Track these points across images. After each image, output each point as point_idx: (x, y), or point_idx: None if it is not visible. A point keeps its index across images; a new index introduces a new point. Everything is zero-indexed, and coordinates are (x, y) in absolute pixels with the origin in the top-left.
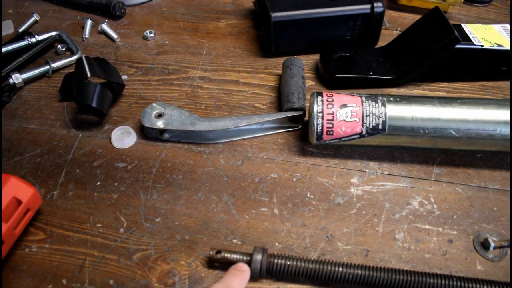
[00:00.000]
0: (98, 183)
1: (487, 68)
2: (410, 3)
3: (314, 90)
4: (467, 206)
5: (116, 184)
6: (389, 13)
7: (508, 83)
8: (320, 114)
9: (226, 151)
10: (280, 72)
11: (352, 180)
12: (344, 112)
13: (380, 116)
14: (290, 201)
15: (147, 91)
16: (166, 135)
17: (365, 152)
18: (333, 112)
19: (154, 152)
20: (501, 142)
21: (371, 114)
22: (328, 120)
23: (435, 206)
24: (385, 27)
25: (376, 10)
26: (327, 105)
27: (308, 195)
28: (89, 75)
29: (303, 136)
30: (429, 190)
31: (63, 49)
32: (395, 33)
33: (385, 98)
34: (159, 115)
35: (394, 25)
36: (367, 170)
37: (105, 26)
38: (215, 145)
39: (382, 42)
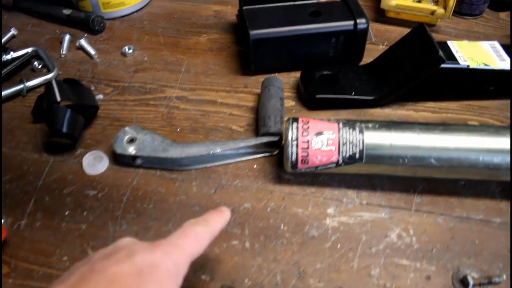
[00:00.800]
0: (67, 213)
1: (474, 87)
2: (398, 15)
3: (293, 112)
4: (448, 238)
5: (85, 213)
6: (376, 26)
7: (496, 102)
8: (294, 142)
9: (199, 178)
10: (260, 91)
11: (329, 211)
12: (320, 140)
13: (357, 144)
14: (263, 233)
15: (123, 112)
16: (139, 161)
17: (344, 179)
18: (308, 140)
19: (125, 179)
20: (484, 171)
21: (348, 143)
22: (303, 148)
23: (414, 238)
24: (371, 41)
25: (359, 27)
26: (302, 132)
27: (282, 227)
28: (59, 99)
29: (280, 161)
30: (408, 221)
31: (39, 66)
32: (381, 48)
33: (363, 125)
34: (131, 140)
35: (381, 39)
36: (344, 199)
37: (83, 42)
38: (188, 171)
39: (367, 58)
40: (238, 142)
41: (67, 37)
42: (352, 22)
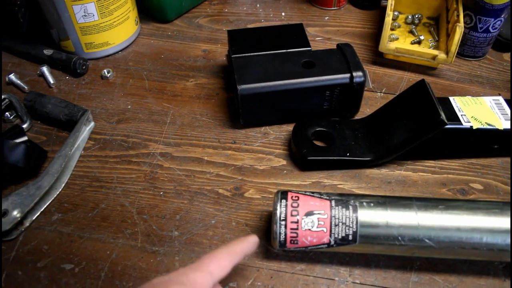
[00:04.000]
0: None
1: (477, 146)
2: (397, 58)
3: (284, 173)
4: None
5: None
6: (374, 70)
7: (500, 160)
8: (283, 223)
9: (182, 252)
10: (250, 147)
11: None
12: (310, 220)
13: (351, 226)
14: None
15: (103, 170)
16: None
17: (336, 255)
18: (297, 220)
19: (104, 251)
20: (486, 252)
21: (340, 224)
22: (292, 229)
23: None
24: (369, 88)
25: (355, 80)
26: (292, 211)
27: None
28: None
29: (268, 234)
30: None
31: (11, 117)
32: (379, 95)
33: (357, 203)
34: None
35: (379, 85)
36: (336, 279)
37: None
38: (170, 243)
39: (364, 108)
40: None
41: (44, 68)
42: (348, 75)
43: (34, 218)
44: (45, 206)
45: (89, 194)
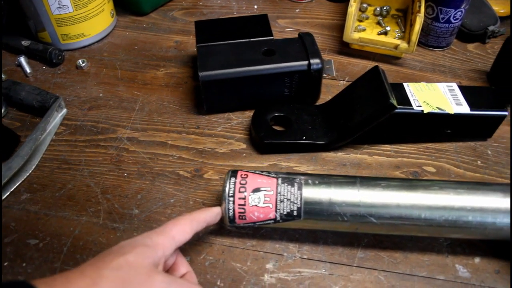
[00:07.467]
0: (5, 264)
1: (431, 130)
2: (362, 48)
3: (243, 156)
4: None
5: (24, 265)
6: (339, 59)
7: (454, 145)
8: (231, 199)
9: (141, 228)
10: (213, 132)
11: (268, 266)
12: (257, 197)
13: (295, 202)
14: None
15: (72, 154)
16: None
17: (286, 232)
18: (245, 196)
19: (68, 228)
20: (426, 228)
21: (285, 200)
22: (239, 205)
23: None
24: (333, 76)
25: (313, 67)
26: (240, 188)
27: (218, 283)
28: None
29: None
30: (348, 278)
31: None
32: (342, 83)
33: (302, 181)
34: None
35: (342, 74)
36: (285, 254)
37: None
38: (130, 220)
39: (327, 95)
40: None
41: (22, 58)
42: (306, 62)
43: (3, 197)
44: (15, 187)
45: (57, 176)
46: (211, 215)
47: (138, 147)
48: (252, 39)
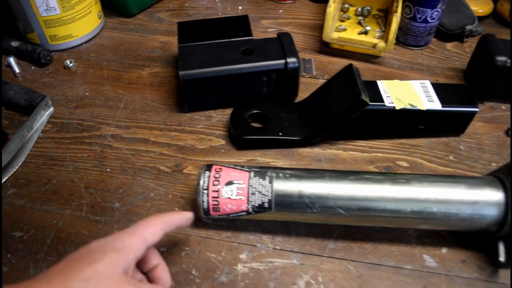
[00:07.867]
0: None
1: (404, 126)
2: (342, 47)
3: (222, 151)
4: (355, 286)
5: (9, 256)
6: (319, 58)
7: (428, 140)
8: (205, 191)
9: (121, 221)
10: (193, 129)
11: (241, 256)
12: (230, 189)
13: (266, 194)
14: (174, 279)
15: (58, 150)
16: None
17: (260, 224)
18: (218, 189)
19: (52, 221)
20: (393, 219)
21: (256, 192)
22: (213, 197)
23: (321, 286)
24: (312, 75)
25: (289, 66)
26: (213, 181)
27: (193, 272)
28: None
29: None
30: (319, 268)
31: None
32: (321, 82)
33: (274, 174)
34: None
35: (322, 72)
36: (258, 245)
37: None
38: (112, 213)
39: (305, 93)
40: None
41: (11, 59)
42: (283, 61)
43: None
44: (1, 182)
45: (43, 171)
46: (183, 219)
47: (121, 144)
48: (231, 39)
